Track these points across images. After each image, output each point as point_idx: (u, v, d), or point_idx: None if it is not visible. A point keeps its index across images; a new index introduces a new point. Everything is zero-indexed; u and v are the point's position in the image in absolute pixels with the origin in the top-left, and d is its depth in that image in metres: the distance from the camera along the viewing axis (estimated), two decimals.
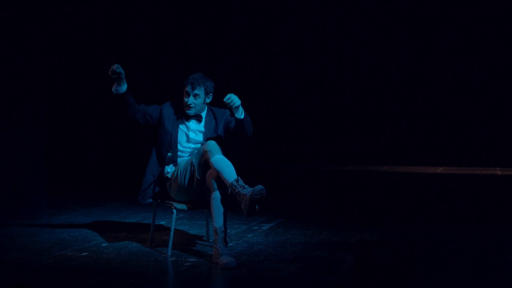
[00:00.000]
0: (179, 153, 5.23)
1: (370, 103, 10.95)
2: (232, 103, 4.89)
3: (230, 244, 5.34)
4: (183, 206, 5.15)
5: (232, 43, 11.13)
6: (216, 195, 4.87)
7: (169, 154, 5.22)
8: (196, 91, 5.18)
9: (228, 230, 4.90)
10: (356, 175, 9.65)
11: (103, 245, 5.43)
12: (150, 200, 5.27)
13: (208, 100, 5.27)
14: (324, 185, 9.16)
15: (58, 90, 10.64)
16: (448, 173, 9.61)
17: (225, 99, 4.89)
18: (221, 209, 4.86)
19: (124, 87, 5.14)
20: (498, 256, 5.19)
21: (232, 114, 5.09)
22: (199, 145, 5.22)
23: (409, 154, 10.73)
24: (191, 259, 4.97)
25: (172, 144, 5.20)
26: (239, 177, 4.83)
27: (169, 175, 5.19)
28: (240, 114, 4.98)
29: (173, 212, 5.14)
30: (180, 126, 5.25)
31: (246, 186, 4.78)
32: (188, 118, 5.26)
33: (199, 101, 5.20)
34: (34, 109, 6.68)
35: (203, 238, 5.70)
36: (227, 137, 5.23)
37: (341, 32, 10.93)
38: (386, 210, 7.33)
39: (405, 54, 10.80)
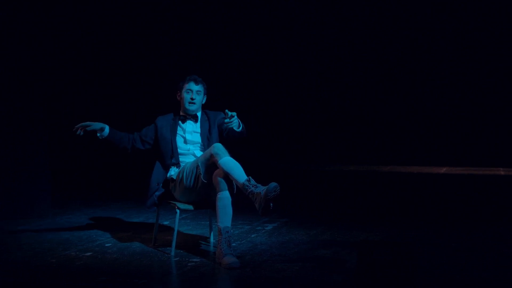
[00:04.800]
0: (180, 156, 5.29)
1: (374, 103, 10.95)
2: (231, 124, 4.93)
3: (234, 244, 5.36)
4: (186, 206, 5.17)
5: (236, 43, 11.14)
6: (222, 195, 4.89)
7: (173, 160, 5.29)
8: (199, 88, 5.35)
9: (231, 230, 4.91)
10: (359, 175, 9.65)
11: (107, 245, 5.45)
12: (155, 208, 5.33)
13: (203, 101, 5.41)
14: (328, 185, 9.17)
15: (60, 90, 10.67)
16: (452, 173, 9.61)
17: (229, 115, 4.91)
18: (227, 210, 4.87)
19: (105, 130, 5.30)
20: (500, 256, 5.19)
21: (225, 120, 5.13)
22: (197, 145, 5.29)
23: (412, 154, 10.73)
24: (195, 259, 4.99)
25: (174, 151, 5.28)
26: (250, 177, 4.83)
27: (173, 177, 5.21)
28: (238, 127, 5.01)
29: (176, 212, 5.15)
30: (178, 130, 5.33)
31: (259, 185, 4.78)
32: (184, 120, 5.34)
33: (200, 97, 5.36)
34: (36, 109, 6.71)
35: (206, 238, 5.72)
36: (222, 137, 5.31)
37: (344, 32, 10.94)
38: (390, 210, 7.34)
39: (408, 54, 10.80)
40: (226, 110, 4.93)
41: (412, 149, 10.77)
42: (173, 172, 5.28)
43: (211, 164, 4.95)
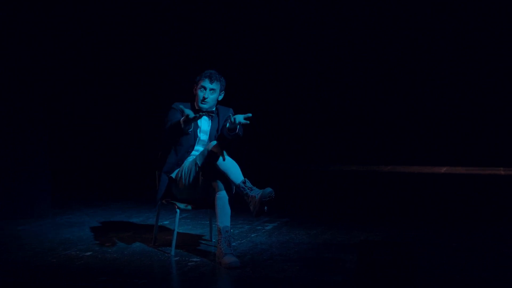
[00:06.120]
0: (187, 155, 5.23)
1: (374, 103, 10.96)
2: (236, 125, 4.88)
3: (234, 243, 5.36)
4: (186, 206, 5.17)
5: (236, 43, 11.15)
6: (221, 195, 4.88)
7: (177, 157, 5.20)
8: (214, 86, 5.16)
9: (231, 230, 4.91)
10: (360, 175, 9.66)
11: (107, 245, 5.45)
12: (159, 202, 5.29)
13: (220, 98, 5.25)
14: (328, 185, 9.17)
15: (60, 90, 10.67)
16: (452, 173, 9.62)
17: (244, 117, 4.87)
18: (226, 209, 4.87)
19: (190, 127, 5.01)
20: (500, 256, 5.20)
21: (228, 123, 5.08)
22: (205, 144, 5.23)
23: (412, 154, 10.74)
24: (195, 259, 4.99)
25: (193, 145, 5.16)
26: (246, 179, 4.83)
27: (173, 175, 5.20)
28: (234, 131, 4.97)
29: (176, 212, 5.15)
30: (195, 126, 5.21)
31: (254, 187, 4.79)
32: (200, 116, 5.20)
33: (214, 96, 5.18)
34: (36, 109, 6.71)
35: (206, 238, 5.72)
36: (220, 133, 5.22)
37: (344, 32, 10.94)
38: (390, 210, 7.35)
39: (408, 54, 10.81)
40: (241, 118, 4.86)
41: (412, 149, 10.77)
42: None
43: (209, 162, 4.92)
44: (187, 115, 4.81)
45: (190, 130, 4.99)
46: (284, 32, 11.10)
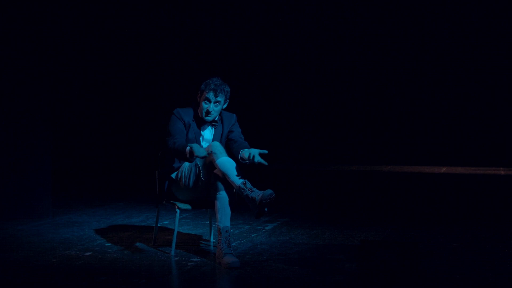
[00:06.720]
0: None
1: (374, 103, 10.97)
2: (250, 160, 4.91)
3: (234, 244, 5.36)
4: (186, 206, 5.16)
5: (236, 43, 11.15)
6: (221, 195, 4.88)
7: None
8: (218, 98, 5.11)
9: (231, 230, 4.90)
10: (360, 175, 9.66)
11: (107, 244, 5.45)
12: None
13: (224, 107, 5.22)
14: (328, 185, 9.17)
15: (63, 91, 10.68)
16: (452, 173, 9.62)
17: (260, 152, 4.90)
18: (226, 209, 4.87)
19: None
20: (500, 256, 5.20)
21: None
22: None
23: (412, 154, 10.75)
24: (195, 259, 4.99)
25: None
26: (246, 180, 4.82)
27: (173, 176, 5.20)
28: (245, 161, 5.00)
29: (176, 212, 5.15)
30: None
31: (255, 189, 4.78)
32: (203, 124, 5.19)
33: (219, 108, 5.14)
34: (39, 109, 6.71)
35: (206, 238, 5.72)
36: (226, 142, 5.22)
37: (344, 32, 10.94)
38: (390, 210, 7.35)
39: (408, 55, 10.81)
40: (258, 160, 4.88)
41: (412, 149, 10.78)
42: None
43: (209, 163, 4.93)
44: (197, 157, 4.81)
45: (195, 157, 4.96)
46: (284, 32, 11.10)
